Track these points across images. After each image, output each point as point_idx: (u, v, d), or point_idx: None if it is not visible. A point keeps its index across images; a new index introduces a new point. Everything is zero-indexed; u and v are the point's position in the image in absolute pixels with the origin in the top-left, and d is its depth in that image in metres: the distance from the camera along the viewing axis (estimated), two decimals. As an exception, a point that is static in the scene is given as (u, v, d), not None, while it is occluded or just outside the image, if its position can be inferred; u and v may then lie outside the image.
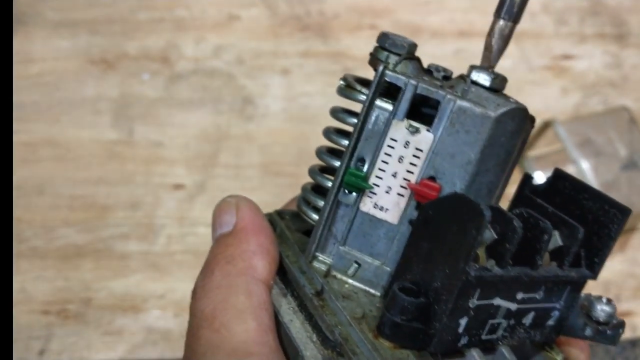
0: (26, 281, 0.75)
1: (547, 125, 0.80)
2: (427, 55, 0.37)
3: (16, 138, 0.82)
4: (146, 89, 0.87)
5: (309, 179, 0.38)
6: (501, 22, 0.34)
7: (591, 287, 0.34)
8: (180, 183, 0.82)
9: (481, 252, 0.31)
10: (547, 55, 0.93)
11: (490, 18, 0.37)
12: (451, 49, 0.90)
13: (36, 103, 0.85)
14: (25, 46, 0.88)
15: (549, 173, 0.36)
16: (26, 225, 0.78)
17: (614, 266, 0.82)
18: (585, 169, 0.77)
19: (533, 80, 0.91)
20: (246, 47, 0.90)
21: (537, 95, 0.90)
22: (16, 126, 0.83)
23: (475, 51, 0.40)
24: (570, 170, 0.82)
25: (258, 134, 0.85)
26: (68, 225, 0.79)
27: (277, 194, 0.44)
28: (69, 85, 0.86)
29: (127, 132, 0.84)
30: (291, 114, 0.87)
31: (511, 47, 0.39)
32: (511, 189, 0.37)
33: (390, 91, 0.34)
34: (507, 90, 0.35)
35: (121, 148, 0.83)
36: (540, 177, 0.37)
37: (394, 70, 0.33)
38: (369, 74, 0.35)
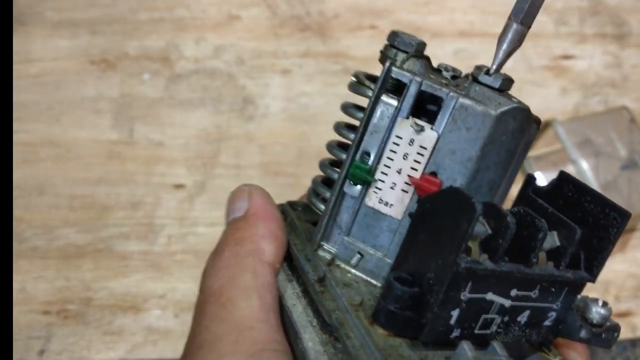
0: (26, 281, 0.76)
1: (547, 125, 0.80)
2: (427, 55, 0.37)
3: (16, 138, 0.82)
4: (146, 89, 0.87)
5: (309, 179, 0.39)
6: (515, 26, 0.35)
7: (591, 288, 0.34)
8: (181, 183, 0.82)
9: (475, 246, 0.31)
10: (547, 55, 0.93)
11: (490, 18, 0.37)
12: (451, 49, 0.90)
13: (36, 103, 0.85)
14: (25, 46, 0.88)
15: (549, 173, 0.36)
16: (26, 225, 0.78)
17: (614, 266, 0.82)
18: (585, 169, 0.77)
19: (533, 80, 0.91)
20: (246, 47, 0.90)
21: (537, 95, 0.90)
22: (16, 126, 0.83)
23: (475, 51, 0.40)
24: (570, 170, 0.82)
25: (258, 134, 0.85)
26: (68, 225, 0.79)
27: (277, 194, 0.44)
28: (69, 85, 0.86)
29: (128, 132, 0.84)
30: (291, 114, 0.87)
31: (511, 47, 0.39)
32: (516, 189, 0.37)
33: (399, 88, 0.34)
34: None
35: (121, 148, 0.83)
36: (540, 178, 0.37)
37: (400, 67, 0.34)
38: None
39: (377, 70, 0.37)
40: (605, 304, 0.35)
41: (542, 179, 0.37)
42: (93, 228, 0.79)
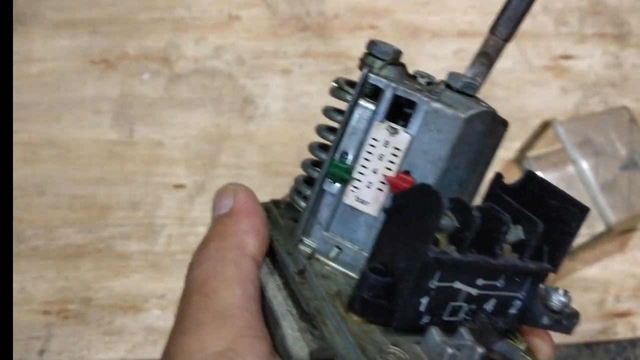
0: (26, 281, 0.76)
1: (547, 125, 0.80)
2: (427, 55, 0.38)
3: (16, 138, 0.82)
4: (146, 89, 0.87)
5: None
6: (494, 40, 0.39)
7: (591, 287, 0.35)
8: (181, 183, 0.82)
9: (443, 238, 0.33)
10: (547, 55, 0.93)
11: (491, 18, 0.38)
12: (451, 49, 0.90)
13: (36, 103, 0.85)
14: (25, 46, 0.88)
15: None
16: (26, 225, 0.78)
17: (614, 266, 0.82)
18: (585, 169, 0.77)
19: (533, 80, 0.91)
20: (246, 47, 0.90)
21: (537, 95, 0.90)
22: (16, 126, 0.83)
23: (475, 51, 0.40)
24: (570, 170, 0.82)
25: (258, 134, 0.85)
26: (68, 225, 0.79)
27: (277, 193, 0.45)
28: (69, 85, 0.87)
29: (128, 132, 0.84)
30: (291, 114, 0.87)
31: (511, 47, 0.40)
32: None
33: (376, 93, 0.37)
34: (508, 90, 0.36)
35: (121, 148, 0.83)
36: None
37: (377, 74, 0.37)
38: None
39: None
40: (565, 292, 0.37)
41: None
42: (93, 228, 0.79)
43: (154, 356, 0.73)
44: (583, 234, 0.77)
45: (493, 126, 0.37)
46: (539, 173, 0.38)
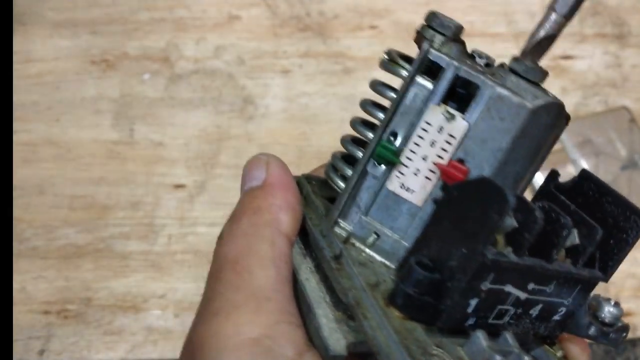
0: (26, 281, 0.76)
1: (547, 125, 0.80)
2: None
3: (16, 138, 0.82)
4: (146, 89, 0.87)
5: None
6: (553, 16, 0.34)
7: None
8: (181, 183, 0.82)
9: (500, 238, 0.31)
10: (547, 55, 0.93)
11: (491, 18, 0.37)
12: (451, 49, 0.90)
13: (36, 103, 0.85)
14: (25, 46, 0.88)
15: (548, 173, 0.36)
16: (26, 225, 0.78)
17: (614, 266, 0.82)
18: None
19: (533, 80, 0.91)
20: (246, 47, 0.90)
21: (537, 95, 0.90)
22: (16, 126, 0.83)
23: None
24: (570, 170, 0.82)
25: (258, 134, 0.85)
26: (68, 225, 0.79)
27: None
28: (69, 85, 0.87)
29: (128, 132, 0.84)
30: (291, 114, 0.87)
31: (511, 47, 0.40)
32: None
33: (432, 70, 0.34)
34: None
35: (121, 148, 0.83)
36: (539, 178, 0.37)
37: (438, 50, 0.34)
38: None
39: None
40: (617, 304, 0.35)
41: (541, 180, 0.37)
42: (93, 228, 0.79)
43: (154, 356, 0.73)
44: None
45: (557, 120, 0.34)
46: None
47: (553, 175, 0.36)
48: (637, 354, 0.78)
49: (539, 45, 0.35)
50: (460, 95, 0.34)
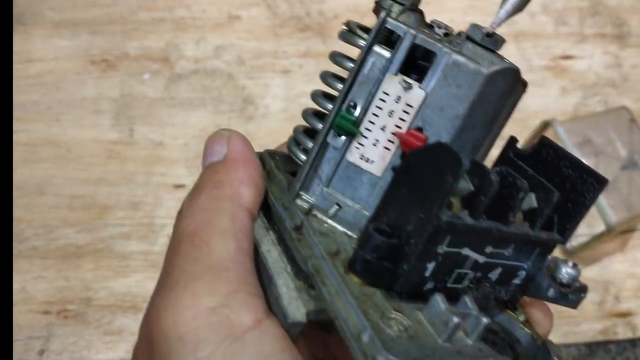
0: (26, 281, 0.76)
1: (547, 125, 0.80)
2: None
3: (16, 138, 0.82)
4: (146, 89, 0.87)
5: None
6: None
7: (591, 287, 0.34)
8: (181, 183, 0.82)
9: (456, 202, 0.32)
10: (546, 55, 0.93)
11: (490, 18, 0.37)
12: (451, 49, 0.90)
13: (36, 103, 0.85)
14: (25, 46, 0.88)
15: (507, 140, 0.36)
16: (26, 225, 0.78)
17: (614, 266, 0.82)
18: (585, 169, 0.77)
19: (533, 80, 0.91)
20: (246, 47, 0.90)
21: (537, 96, 0.90)
22: (16, 126, 0.83)
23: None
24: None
25: (258, 134, 0.85)
26: (68, 225, 0.79)
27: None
28: (69, 85, 0.87)
29: (128, 132, 0.84)
30: (291, 114, 0.87)
31: (511, 47, 0.40)
32: (496, 152, 0.38)
33: (390, 40, 0.34)
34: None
35: (121, 148, 0.83)
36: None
37: (395, 19, 0.34)
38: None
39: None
40: (575, 265, 0.35)
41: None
42: (93, 228, 0.79)
43: (154, 356, 0.73)
44: (583, 234, 0.78)
45: (514, 85, 0.35)
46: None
47: (512, 142, 0.37)
48: (637, 354, 0.78)
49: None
50: (421, 68, 0.34)
